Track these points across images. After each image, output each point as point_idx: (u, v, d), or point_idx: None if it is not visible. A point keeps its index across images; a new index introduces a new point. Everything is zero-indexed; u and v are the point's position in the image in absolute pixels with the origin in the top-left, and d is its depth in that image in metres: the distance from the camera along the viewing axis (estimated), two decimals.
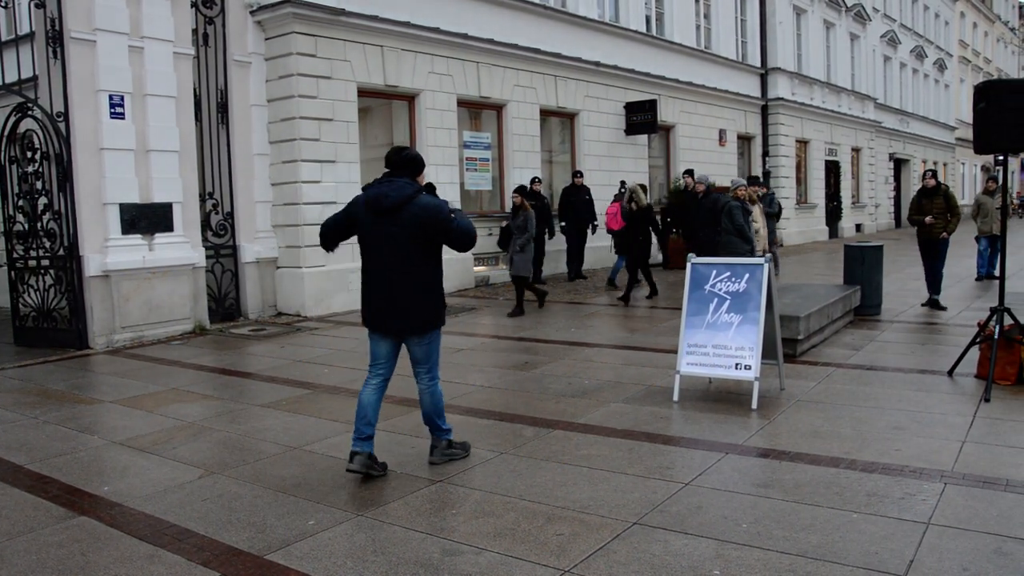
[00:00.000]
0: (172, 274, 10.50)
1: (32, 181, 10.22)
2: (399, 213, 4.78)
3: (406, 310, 4.90)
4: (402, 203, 4.77)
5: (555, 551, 3.83)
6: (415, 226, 4.79)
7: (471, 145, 14.99)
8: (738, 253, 9.89)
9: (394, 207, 4.77)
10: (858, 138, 30.26)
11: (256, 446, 5.71)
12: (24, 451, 5.75)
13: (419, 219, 4.79)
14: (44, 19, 9.71)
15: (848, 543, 3.81)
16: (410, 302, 4.89)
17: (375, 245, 4.90)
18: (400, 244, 4.82)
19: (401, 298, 4.89)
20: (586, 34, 17.26)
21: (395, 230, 4.80)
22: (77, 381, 8.19)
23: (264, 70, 12.07)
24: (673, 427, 5.92)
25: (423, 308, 4.92)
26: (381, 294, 4.93)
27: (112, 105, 9.97)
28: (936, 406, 6.21)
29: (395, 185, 4.82)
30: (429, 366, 5.12)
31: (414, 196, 4.81)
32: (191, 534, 4.17)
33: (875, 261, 10.67)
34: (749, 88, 23.75)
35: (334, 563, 3.78)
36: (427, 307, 4.93)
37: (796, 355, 8.02)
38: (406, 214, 4.78)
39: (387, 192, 4.80)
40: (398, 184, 4.83)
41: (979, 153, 7.06)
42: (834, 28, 28.40)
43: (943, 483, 4.55)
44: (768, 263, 6.52)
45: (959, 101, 43.18)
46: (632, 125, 18.36)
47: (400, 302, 4.89)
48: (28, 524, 4.38)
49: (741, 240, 10.29)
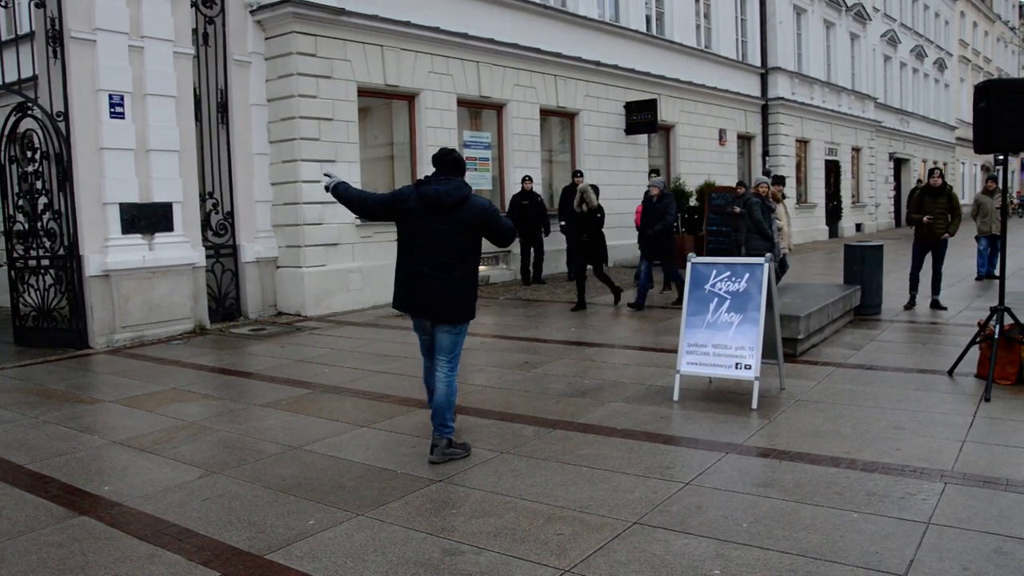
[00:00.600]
0: (172, 274, 10.50)
1: (32, 181, 10.22)
2: (455, 211, 5.13)
3: (446, 301, 5.20)
4: (459, 202, 5.13)
5: (555, 551, 3.83)
6: (467, 224, 5.16)
7: (471, 145, 14.98)
8: (757, 249, 10.14)
9: (452, 205, 5.12)
10: (858, 138, 30.27)
11: (256, 446, 5.71)
12: (24, 451, 5.75)
13: (472, 217, 5.17)
14: (44, 19, 9.71)
15: (848, 543, 3.81)
16: (451, 293, 5.19)
17: (426, 239, 5.19)
18: (452, 240, 5.15)
19: (444, 289, 5.18)
20: (586, 34, 17.26)
21: (448, 227, 5.14)
22: (77, 381, 8.19)
23: (264, 70, 12.07)
24: (673, 427, 5.92)
25: (462, 300, 5.23)
26: (425, 284, 5.20)
27: (112, 105, 9.97)
28: (936, 406, 6.21)
29: (453, 185, 5.18)
30: (452, 356, 5.35)
31: (469, 196, 5.20)
32: (191, 534, 4.17)
33: (875, 261, 10.67)
34: (749, 88, 23.76)
35: (334, 563, 3.78)
36: (465, 299, 5.26)
37: (796, 355, 8.02)
38: (461, 212, 5.14)
39: (448, 191, 5.14)
40: (455, 184, 5.19)
41: (979, 153, 7.06)
42: (834, 27, 28.40)
43: (943, 483, 4.55)
44: (769, 263, 6.51)
45: (959, 101, 43.19)
46: (632, 125, 18.36)
47: (442, 293, 5.18)
48: (28, 524, 4.38)
49: (760, 236, 10.50)
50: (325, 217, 12.16)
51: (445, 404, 5.30)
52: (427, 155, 13.84)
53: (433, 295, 5.18)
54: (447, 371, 5.34)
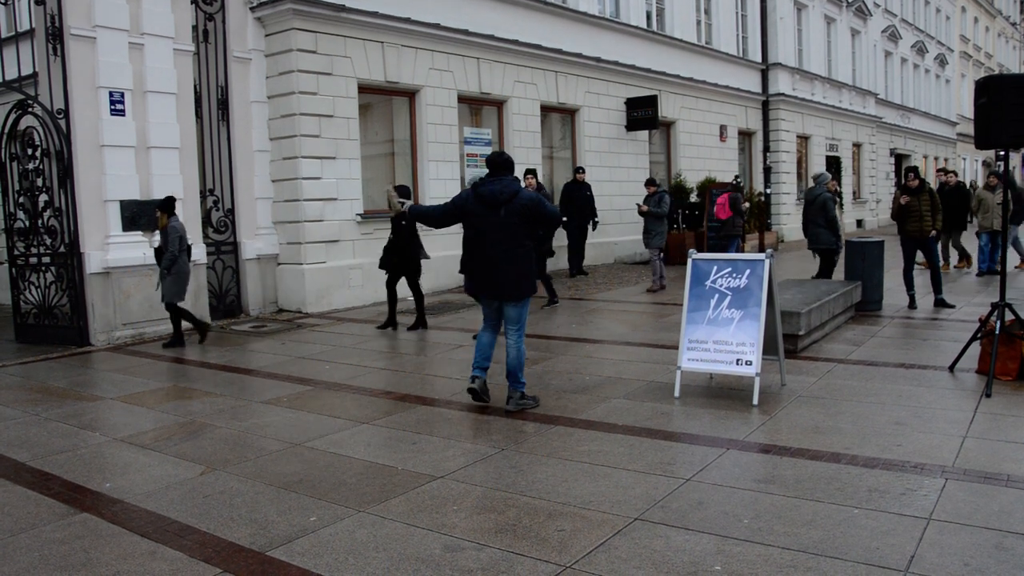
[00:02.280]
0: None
1: (33, 178, 10.23)
2: (509, 205, 6.08)
3: (509, 281, 6.16)
4: (511, 197, 6.08)
5: (556, 547, 3.83)
6: (520, 215, 6.09)
7: (472, 141, 14.97)
8: (824, 243, 11.08)
9: (506, 200, 6.08)
10: (859, 133, 30.23)
11: (257, 443, 5.71)
12: (26, 448, 5.75)
13: (524, 209, 6.10)
14: (44, 16, 9.71)
15: (849, 538, 3.81)
16: (512, 275, 6.16)
17: (487, 231, 6.16)
18: (509, 229, 6.11)
19: (506, 272, 6.15)
20: (587, 30, 17.23)
21: (505, 219, 6.09)
22: (78, 378, 8.20)
23: (264, 66, 12.06)
24: (674, 423, 5.92)
25: (522, 279, 6.18)
26: (490, 269, 6.20)
27: (112, 102, 9.97)
28: (937, 402, 6.21)
29: (504, 183, 6.13)
30: (519, 325, 6.28)
31: (519, 191, 6.14)
32: (192, 531, 4.18)
33: (876, 257, 10.66)
34: (750, 84, 23.72)
35: (335, 559, 3.79)
36: (525, 278, 6.20)
37: (797, 351, 8.02)
38: (515, 205, 6.08)
39: (501, 189, 6.10)
40: (507, 181, 6.14)
41: (980, 148, 7.05)
42: (835, 23, 28.36)
43: (944, 478, 4.55)
44: (770, 259, 6.51)
45: (960, 96, 43.14)
46: (633, 121, 18.35)
47: (505, 275, 6.15)
48: (30, 521, 4.39)
49: (830, 232, 11.17)
50: (326, 214, 12.16)
51: (516, 364, 6.23)
52: (428, 152, 13.85)
53: (499, 279, 6.15)
54: (516, 338, 6.26)
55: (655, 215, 12.97)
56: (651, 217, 13.01)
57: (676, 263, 16.86)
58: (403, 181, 13.93)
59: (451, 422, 6.09)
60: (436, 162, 13.98)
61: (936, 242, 11.09)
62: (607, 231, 17.44)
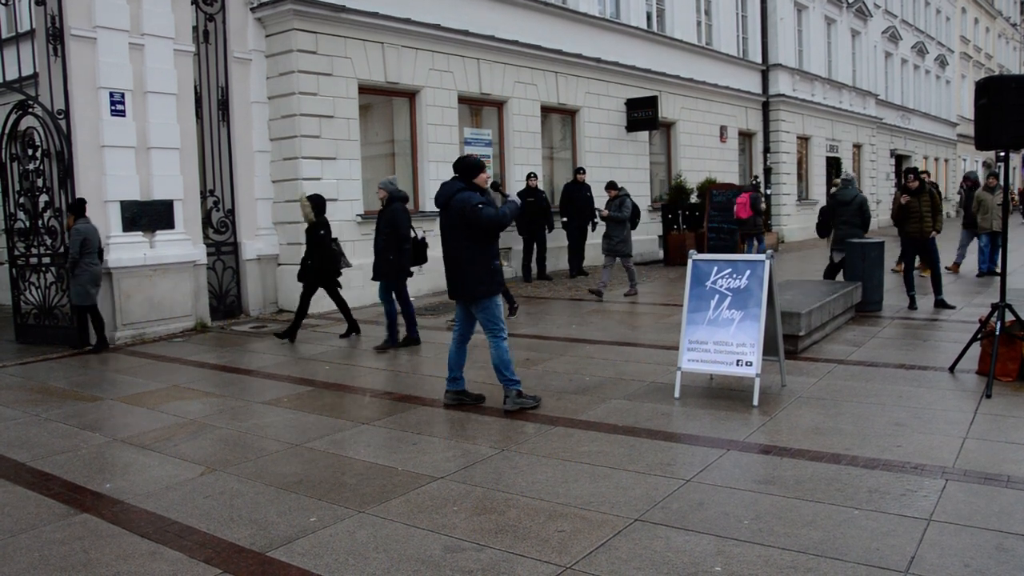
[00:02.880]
0: (173, 271, 10.50)
1: (33, 179, 10.24)
2: (448, 207, 6.13)
3: (459, 282, 6.23)
4: (449, 198, 6.13)
5: (557, 548, 3.83)
6: (459, 216, 6.07)
7: (472, 142, 14.97)
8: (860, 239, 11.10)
9: (445, 202, 6.16)
10: (859, 134, 30.23)
11: (258, 443, 5.71)
12: (26, 448, 5.75)
13: (458, 210, 6.07)
14: (45, 16, 9.71)
15: (849, 539, 3.81)
16: (460, 276, 6.20)
17: (441, 232, 6.32)
18: (453, 231, 6.17)
19: (455, 272, 6.23)
20: (587, 30, 17.24)
21: (449, 220, 6.17)
22: (79, 378, 8.20)
23: (265, 67, 12.07)
24: (674, 424, 5.92)
25: (474, 282, 6.13)
26: (447, 268, 6.29)
27: (113, 102, 9.97)
28: (937, 402, 6.21)
29: (448, 185, 6.23)
30: (490, 326, 6.25)
31: (457, 192, 6.12)
32: (193, 531, 4.18)
33: (876, 258, 10.66)
34: (750, 84, 23.73)
35: (336, 560, 3.79)
36: (478, 281, 6.12)
37: (797, 352, 8.02)
38: (451, 207, 6.11)
39: (443, 191, 6.22)
40: (450, 184, 6.22)
41: (980, 149, 7.05)
42: (835, 24, 28.36)
43: (944, 479, 4.55)
44: (770, 259, 6.51)
45: (960, 97, 43.12)
46: (633, 122, 18.35)
47: (454, 276, 6.24)
48: (30, 521, 4.39)
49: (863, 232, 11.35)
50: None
51: (498, 363, 6.21)
52: (428, 152, 13.85)
53: (452, 279, 6.26)
54: (490, 338, 6.26)
55: (616, 219, 12.52)
56: (612, 222, 12.56)
57: (676, 264, 16.86)
58: (404, 182, 13.91)
59: (451, 423, 6.09)
60: (436, 163, 13.97)
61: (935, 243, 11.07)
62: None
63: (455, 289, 6.28)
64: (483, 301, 6.19)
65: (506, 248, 15.54)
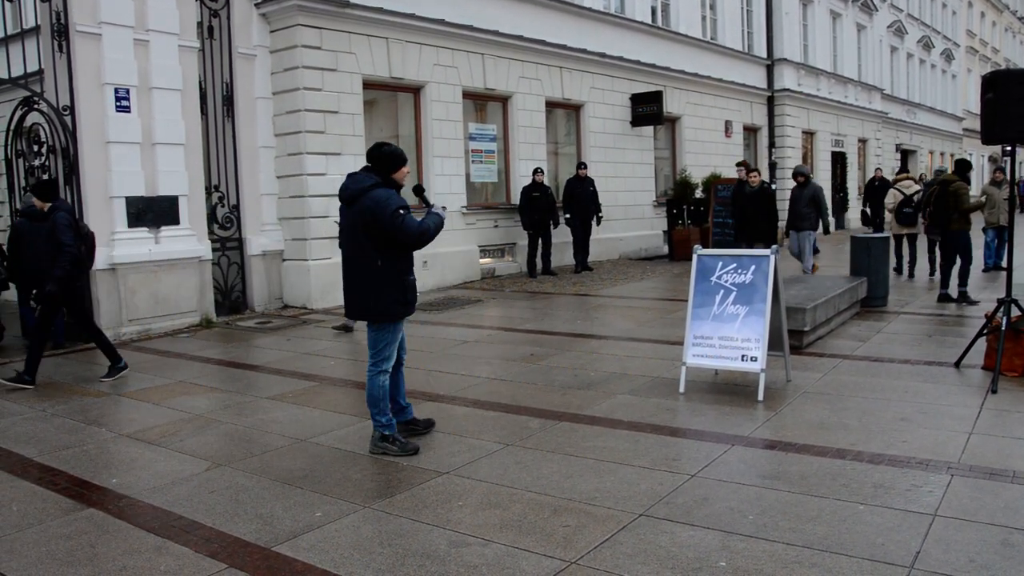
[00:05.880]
0: (178, 267, 10.52)
1: (39, 175, 10.25)
2: (355, 204, 5.04)
3: (354, 296, 5.21)
4: (358, 195, 5.03)
5: (561, 543, 3.84)
6: (363, 217, 5.01)
7: (476, 137, 14.97)
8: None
9: (351, 198, 5.06)
10: (864, 129, 30.14)
11: (263, 438, 5.73)
12: (33, 444, 5.77)
13: (367, 210, 4.98)
14: (50, 12, 9.72)
15: (854, 534, 3.81)
16: (357, 289, 5.17)
17: (342, 232, 5.24)
18: (353, 234, 5.09)
19: (357, 285, 5.17)
20: (591, 25, 17.21)
21: (351, 220, 5.09)
22: (85, 374, 8.22)
23: (269, 63, 12.06)
24: (679, 419, 5.92)
25: (368, 297, 5.13)
26: (346, 280, 5.26)
27: (118, 98, 9.98)
28: (943, 398, 6.20)
29: (357, 177, 5.12)
30: (374, 352, 5.24)
31: (369, 189, 5.02)
32: (198, 526, 4.19)
33: (881, 252, 10.64)
34: (755, 79, 23.67)
35: (341, 555, 3.80)
36: (379, 298, 5.11)
37: (802, 347, 8.01)
38: (359, 205, 5.02)
39: (350, 184, 5.11)
40: (359, 177, 5.11)
41: (986, 144, 7.03)
42: (840, 18, 28.27)
43: (949, 475, 4.54)
44: (775, 255, 6.50)
45: (966, 91, 42.97)
46: (638, 117, 18.32)
47: (357, 289, 5.18)
48: (37, 516, 4.41)
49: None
50: (331, 210, 12.08)
51: (369, 399, 5.28)
52: (433, 148, 13.85)
53: (353, 294, 5.21)
54: (368, 366, 5.27)
55: None
56: None
57: (681, 259, 16.83)
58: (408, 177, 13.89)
59: (456, 418, 6.09)
60: (441, 158, 13.98)
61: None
62: (612, 227, 17.43)
63: (356, 306, 5.22)
64: (383, 323, 5.18)
65: (511, 243, 15.55)
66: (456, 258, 14.29)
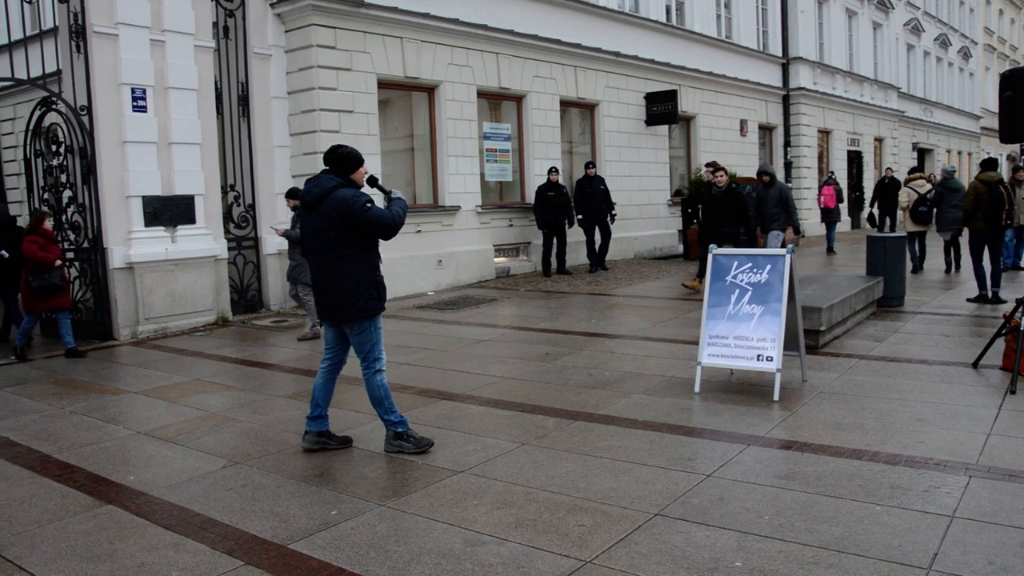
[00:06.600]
0: (194, 266, 10.58)
1: (57, 174, 10.35)
2: (319, 206, 5.09)
3: (333, 299, 5.19)
4: (322, 197, 5.07)
5: (577, 542, 3.84)
6: (330, 219, 5.05)
7: (491, 136, 14.98)
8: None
9: (314, 201, 5.10)
10: (881, 128, 29.95)
11: (279, 436, 5.75)
12: (52, 441, 5.83)
13: (335, 210, 5.03)
14: (68, 14, 9.80)
15: (871, 535, 3.79)
16: (329, 291, 5.18)
17: (307, 237, 5.26)
18: (321, 236, 5.11)
19: (329, 287, 5.18)
20: (606, 24, 17.18)
21: (317, 223, 5.11)
22: (102, 372, 8.28)
23: (284, 62, 12.11)
24: (694, 418, 5.90)
25: (348, 298, 5.14)
26: (316, 283, 5.29)
27: (134, 98, 10.05)
28: (960, 398, 6.15)
29: (319, 180, 5.15)
30: (363, 355, 5.30)
31: (332, 190, 5.08)
32: (215, 523, 4.22)
33: (898, 252, 10.57)
34: (770, 78, 23.57)
35: (356, 553, 3.81)
36: (352, 297, 5.14)
37: (818, 346, 7.97)
38: (325, 207, 5.06)
39: (311, 188, 5.15)
40: (321, 179, 5.15)
41: (1005, 142, 6.97)
42: (856, 17, 28.10)
43: (968, 476, 4.51)
44: (791, 254, 6.47)
45: (984, 89, 42.63)
46: (652, 116, 18.28)
47: (328, 291, 5.19)
48: (56, 512, 4.45)
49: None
50: None
51: (374, 399, 5.32)
52: (448, 147, 13.87)
53: (325, 296, 5.22)
54: (363, 371, 5.33)
55: (292, 239, 9.48)
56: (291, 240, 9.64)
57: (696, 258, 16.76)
58: (423, 176, 13.98)
59: (472, 417, 6.10)
60: (456, 157, 13.99)
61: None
62: (627, 226, 17.40)
63: (329, 308, 5.22)
64: (361, 322, 5.21)
65: (525, 243, 15.55)
66: (471, 257, 14.31)
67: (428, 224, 13.58)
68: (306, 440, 5.39)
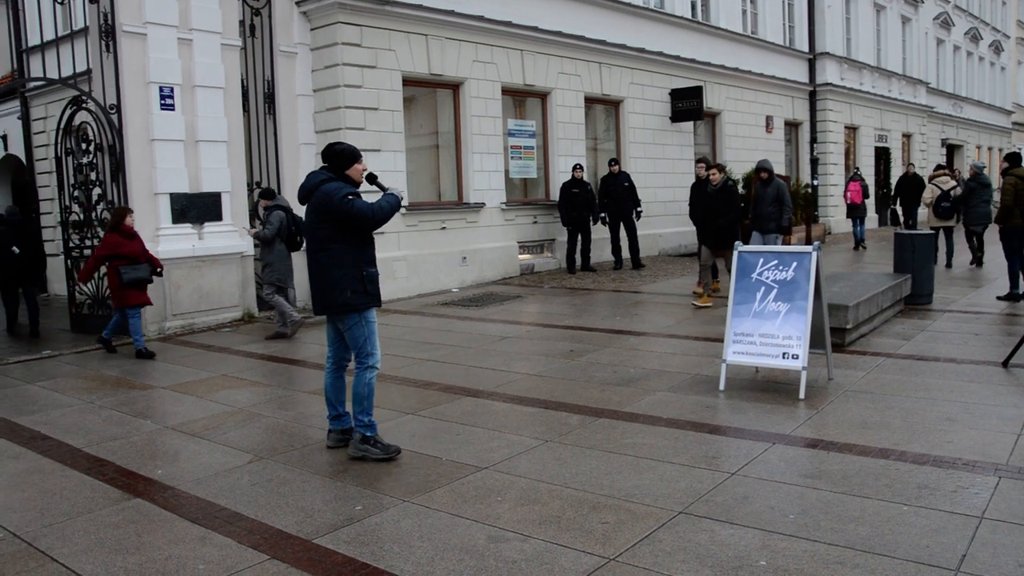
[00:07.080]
0: (221, 262, 10.68)
1: (87, 172, 10.48)
2: (310, 200, 5.20)
3: (322, 291, 5.21)
4: (311, 190, 5.19)
5: (600, 539, 3.84)
6: (317, 212, 5.15)
7: (516, 133, 14.98)
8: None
9: (306, 195, 5.22)
10: (909, 124, 29.59)
11: (304, 432, 5.80)
12: (81, 434, 5.91)
13: (320, 203, 5.11)
14: (98, 14, 9.92)
15: (898, 536, 3.75)
16: (318, 284, 5.22)
17: (304, 232, 5.41)
18: (311, 229, 5.23)
19: (317, 280, 5.23)
20: (631, 20, 17.11)
21: (308, 217, 5.26)
22: (130, 367, 8.38)
23: (310, 60, 12.18)
24: (719, 416, 5.87)
25: (333, 290, 5.14)
26: (311, 278, 5.32)
27: (162, 97, 10.16)
28: (990, 398, 6.07)
29: (311, 176, 5.28)
30: (356, 351, 5.27)
31: (320, 184, 5.16)
32: (241, 517, 4.26)
33: (927, 249, 10.45)
34: (797, 73, 23.35)
35: (380, 548, 3.83)
36: (337, 289, 5.12)
37: (844, 344, 7.90)
38: (314, 200, 5.18)
39: (305, 183, 5.27)
40: (314, 174, 5.28)
41: None
42: (884, 11, 27.76)
43: (997, 476, 4.45)
44: (817, 251, 6.41)
45: (1016, 84, 42.01)
46: (678, 112, 18.17)
47: (317, 284, 5.24)
48: (86, 505, 4.51)
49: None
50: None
51: (355, 396, 5.21)
52: (472, 144, 13.89)
53: (318, 290, 5.24)
54: (355, 365, 5.28)
55: (262, 239, 9.72)
56: (260, 241, 9.82)
57: None
58: (447, 173, 14.01)
59: (496, 413, 6.11)
60: (480, 154, 14.01)
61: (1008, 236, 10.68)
62: (651, 223, 17.31)
63: (319, 301, 5.23)
64: (350, 316, 5.16)
65: (550, 240, 15.54)
66: (495, 254, 14.32)
67: (453, 221, 13.61)
68: (330, 439, 5.43)
